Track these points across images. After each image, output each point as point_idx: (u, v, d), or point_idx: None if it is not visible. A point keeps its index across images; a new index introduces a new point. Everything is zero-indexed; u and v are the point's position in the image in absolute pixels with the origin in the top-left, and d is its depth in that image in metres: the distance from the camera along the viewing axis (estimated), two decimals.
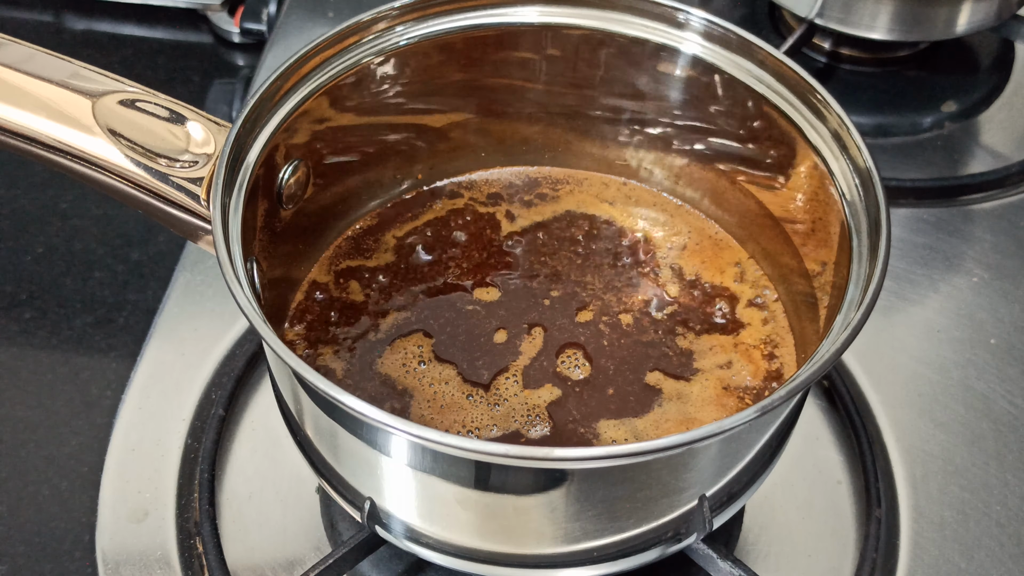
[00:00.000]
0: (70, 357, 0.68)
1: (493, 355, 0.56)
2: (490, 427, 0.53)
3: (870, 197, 0.50)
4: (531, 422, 0.53)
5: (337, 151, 0.58)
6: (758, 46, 0.54)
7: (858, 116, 0.81)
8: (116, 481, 0.60)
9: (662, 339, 0.57)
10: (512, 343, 0.56)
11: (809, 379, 0.43)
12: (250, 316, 0.43)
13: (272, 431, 0.63)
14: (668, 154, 0.62)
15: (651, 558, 0.50)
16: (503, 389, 0.54)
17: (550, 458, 0.41)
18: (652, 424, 0.53)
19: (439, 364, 0.55)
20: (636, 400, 0.54)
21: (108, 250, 0.74)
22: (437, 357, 0.56)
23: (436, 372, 0.55)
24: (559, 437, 0.53)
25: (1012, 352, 0.67)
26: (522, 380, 0.55)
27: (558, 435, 0.53)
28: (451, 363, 0.55)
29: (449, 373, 0.55)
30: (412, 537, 0.50)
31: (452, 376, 0.55)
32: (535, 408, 0.54)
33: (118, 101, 0.50)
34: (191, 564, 0.57)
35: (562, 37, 0.58)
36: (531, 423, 0.53)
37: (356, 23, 0.54)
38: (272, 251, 0.54)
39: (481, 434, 0.53)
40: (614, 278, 0.60)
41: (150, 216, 0.51)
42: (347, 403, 0.41)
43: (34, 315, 0.70)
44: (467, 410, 0.54)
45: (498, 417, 0.53)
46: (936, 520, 0.60)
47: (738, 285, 0.60)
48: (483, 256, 0.61)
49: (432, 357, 0.56)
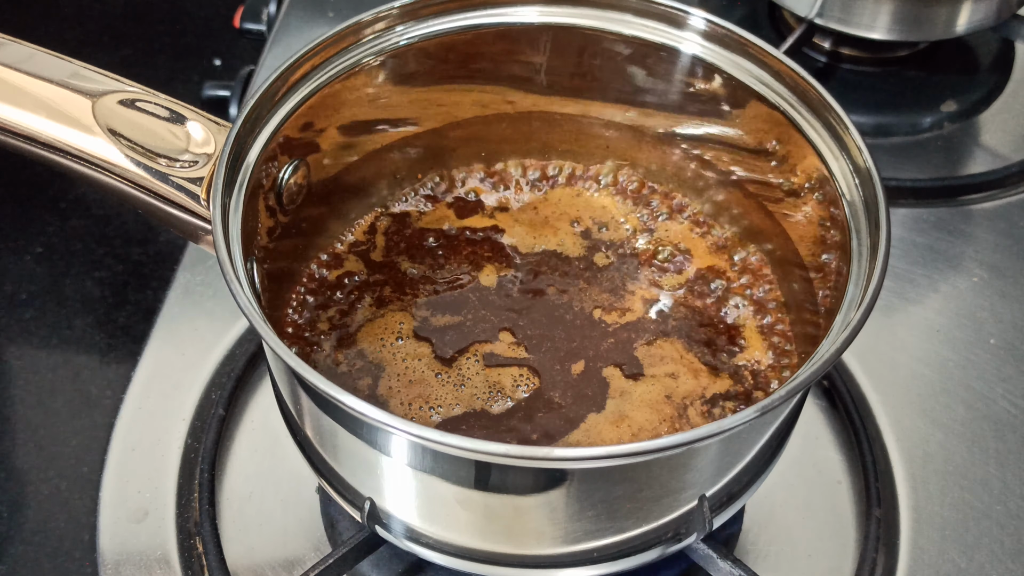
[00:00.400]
0: (70, 357, 0.68)
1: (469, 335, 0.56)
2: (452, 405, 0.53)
3: (870, 197, 0.50)
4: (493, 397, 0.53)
5: (337, 151, 0.58)
6: (758, 46, 0.54)
7: (858, 116, 0.81)
8: (116, 481, 0.60)
9: (652, 337, 0.57)
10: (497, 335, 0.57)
11: (809, 379, 0.43)
12: (250, 316, 0.43)
13: (272, 431, 0.63)
14: (666, 153, 0.62)
15: (651, 558, 0.50)
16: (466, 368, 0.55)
17: (550, 458, 0.41)
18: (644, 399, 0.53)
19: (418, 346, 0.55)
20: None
21: (108, 250, 0.74)
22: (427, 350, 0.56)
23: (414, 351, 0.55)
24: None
25: (1012, 352, 0.67)
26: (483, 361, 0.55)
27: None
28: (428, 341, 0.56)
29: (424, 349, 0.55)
30: (412, 537, 0.50)
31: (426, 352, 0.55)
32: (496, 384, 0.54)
33: (118, 101, 0.50)
34: (191, 564, 0.57)
35: (562, 37, 0.58)
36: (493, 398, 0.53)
37: (356, 23, 0.54)
38: (272, 250, 0.54)
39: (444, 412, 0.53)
40: (609, 276, 0.60)
41: (150, 216, 0.51)
42: (347, 403, 0.41)
43: (34, 315, 0.70)
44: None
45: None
46: (936, 520, 0.60)
47: (737, 284, 0.60)
48: (482, 255, 0.61)
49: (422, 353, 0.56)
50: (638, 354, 0.56)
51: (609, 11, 0.57)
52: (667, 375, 0.55)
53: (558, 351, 0.56)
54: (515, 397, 0.54)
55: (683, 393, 0.54)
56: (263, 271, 0.53)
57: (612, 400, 0.54)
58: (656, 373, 0.55)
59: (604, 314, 0.58)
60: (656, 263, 0.60)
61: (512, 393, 0.54)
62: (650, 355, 0.56)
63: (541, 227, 0.62)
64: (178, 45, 0.94)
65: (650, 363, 0.55)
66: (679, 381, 0.55)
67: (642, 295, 0.59)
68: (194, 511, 0.59)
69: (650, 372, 0.55)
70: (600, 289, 0.59)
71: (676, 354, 0.56)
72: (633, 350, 0.56)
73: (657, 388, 0.55)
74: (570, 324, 0.57)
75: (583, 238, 0.61)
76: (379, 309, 0.58)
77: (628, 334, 0.57)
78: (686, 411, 0.54)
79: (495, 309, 0.58)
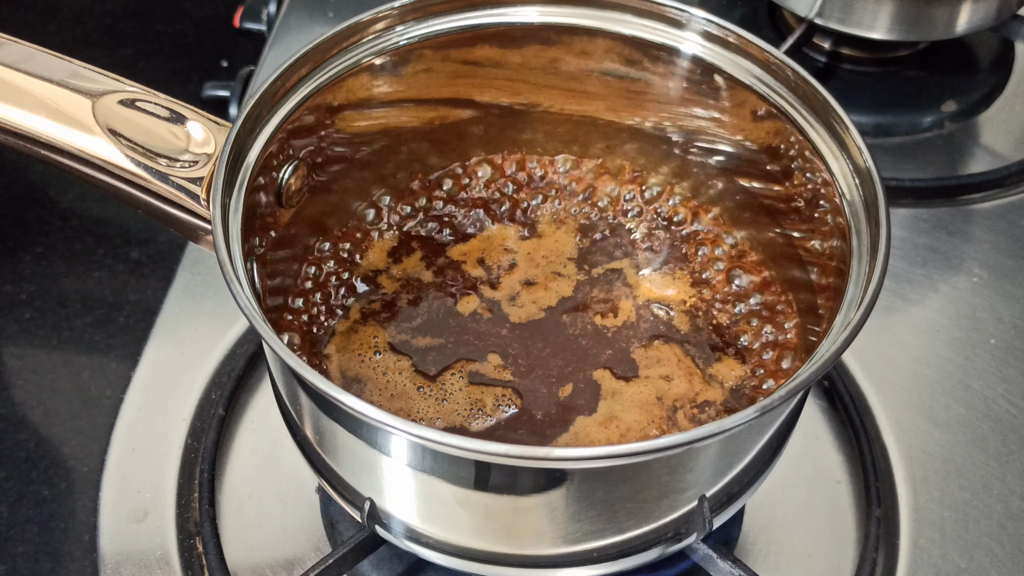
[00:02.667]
0: (70, 357, 0.68)
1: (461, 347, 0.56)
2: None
3: (870, 197, 0.50)
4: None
5: (337, 151, 0.58)
6: (758, 46, 0.54)
7: (858, 116, 0.81)
8: (116, 481, 0.60)
9: (656, 337, 0.57)
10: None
11: (809, 379, 0.43)
12: (250, 316, 0.43)
13: (272, 431, 0.63)
14: (665, 153, 0.62)
15: (651, 558, 0.50)
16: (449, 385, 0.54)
17: (550, 458, 0.41)
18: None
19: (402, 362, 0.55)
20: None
21: (108, 250, 0.74)
22: (409, 365, 0.56)
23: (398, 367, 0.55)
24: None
25: (1012, 352, 0.67)
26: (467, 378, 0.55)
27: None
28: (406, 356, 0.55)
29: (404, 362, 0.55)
30: (412, 537, 0.50)
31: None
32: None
33: (118, 101, 0.50)
34: (191, 564, 0.57)
35: (562, 37, 0.58)
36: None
37: (356, 23, 0.54)
38: (272, 250, 0.54)
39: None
40: (607, 275, 0.60)
41: (150, 216, 0.51)
42: (347, 403, 0.41)
43: (34, 315, 0.70)
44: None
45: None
46: (936, 520, 0.60)
47: (737, 284, 0.60)
48: (482, 257, 0.61)
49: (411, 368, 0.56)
50: (634, 356, 0.56)
51: (609, 11, 0.57)
52: (661, 377, 0.55)
53: (548, 375, 0.55)
54: (496, 416, 0.54)
55: (674, 396, 0.54)
56: (263, 271, 0.53)
57: (604, 401, 0.54)
58: (650, 375, 0.55)
59: (602, 319, 0.58)
60: (655, 263, 0.60)
61: (493, 412, 0.54)
62: (646, 357, 0.56)
63: (546, 229, 0.62)
64: (178, 45, 0.94)
65: (646, 364, 0.55)
66: (672, 384, 0.55)
67: (642, 294, 0.59)
68: (194, 511, 0.59)
69: (644, 373, 0.55)
70: (599, 291, 0.59)
71: (673, 357, 0.56)
72: (630, 353, 0.56)
73: (649, 389, 0.55)
74: (563, 339, 0.57)
75: (588, 241, 0.61)
76: (363, 320, 0.58)
77: (623, 340, 0.57)
78: (675, 414, 0.54)
79: (487, 324, 0.58)
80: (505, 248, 0.61)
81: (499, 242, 0.61)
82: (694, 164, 0.61)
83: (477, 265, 0.60)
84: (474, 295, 0.58)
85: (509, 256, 0.60)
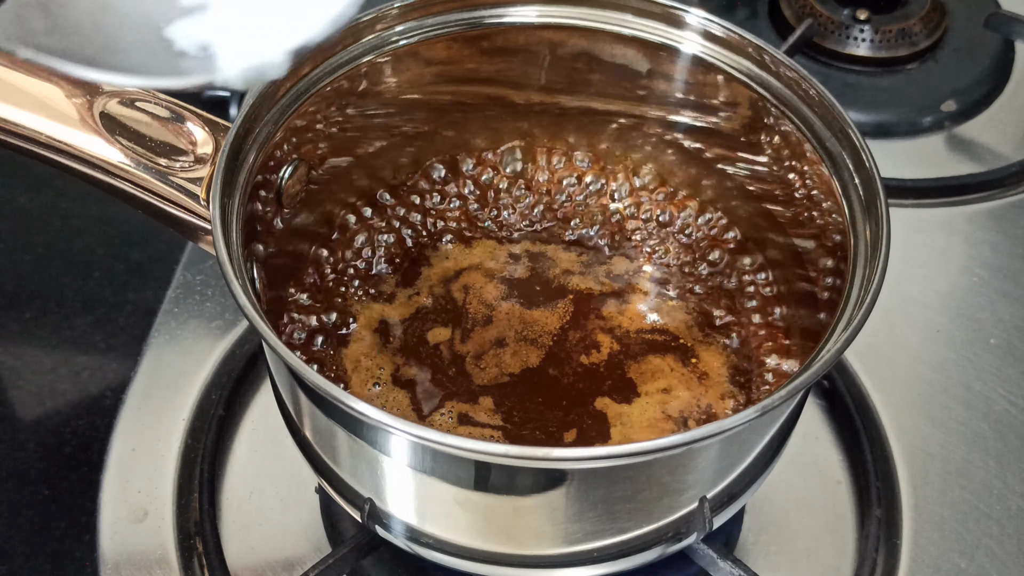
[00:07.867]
0: (70, 357, 0.68)
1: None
2: None
3: (870, 197, 0.50)
4: None
5: (336, 151, 0.58)
6: (758, 46, 0.54)
7: (858, 116, 0.81)
8: (116, 481, 0.60)
9: (657, 340, 0.57)
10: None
11: (809, 379, 0.43)
12: (250, 316, 0.43)
13: (272, 431, 0.63)
14: (667, 153, 0.62)
15: (651, 558, 0.50)
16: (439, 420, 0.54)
17: (550, 458, 0.41)
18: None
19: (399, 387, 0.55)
20: None
21: (108, 250, 0.74)
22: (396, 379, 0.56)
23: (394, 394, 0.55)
24: None
25: (1012, 352, 0.67)
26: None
27: None
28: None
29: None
30: (412, 537, 0.50)
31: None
32: None
33: (118, 101, 0.50)
34: (191, 564, 0.57)
35: (562, 37, 0.58)
36: None
37: (356, 23, 0.54)
38: (272, 250, 0.54)
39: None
40: (607, 275, 0.60)
41: (150, 216, 0.51)
42: (347, 403, 0.41)
43: (34, 315, 0.70)
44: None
45: None
46: (936, 520, 0.60)
47: (737, 285, 0.60)
48: (482, 257, 0.61)
49: (392, 377, 0.56)
50: (631, 374, 0.56)
51: (609, 11, 0.57)
52: (660, 390, 0.55)
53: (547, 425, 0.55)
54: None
55: (679, 407, 0.54)
56: (263, 271, 0.53)
57: (614, 428, 0.54)
58: (649, 390, 0.55)
59: (610, 321, 0.58)
60: (655, 264, 0.61)
61: None
62: (641, 373, 0.56)
63: (545, 230, 0.62)
64: None
65: (643, 381, 0.55)
66: (672, 395, 0.55)
67: (641, 296, 0.59)
68: (194, 511, 0.59)
69: (643, 389, 0.55)
70: (599, 284, 0.59)
71: (670, 368, 0.56)
72: (626, 371, 0.56)
73: (653, 405, 0.54)
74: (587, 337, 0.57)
75: (589, 240, 0.62)
76: (379, 315, 0.58)
77: (622, 355, 0.57)
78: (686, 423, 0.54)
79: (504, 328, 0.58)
80: (505, 247, 0.61)
81: (499, 242, 0.61)
82: (692, 164, 0.61)
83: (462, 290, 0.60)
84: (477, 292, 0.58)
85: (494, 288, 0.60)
